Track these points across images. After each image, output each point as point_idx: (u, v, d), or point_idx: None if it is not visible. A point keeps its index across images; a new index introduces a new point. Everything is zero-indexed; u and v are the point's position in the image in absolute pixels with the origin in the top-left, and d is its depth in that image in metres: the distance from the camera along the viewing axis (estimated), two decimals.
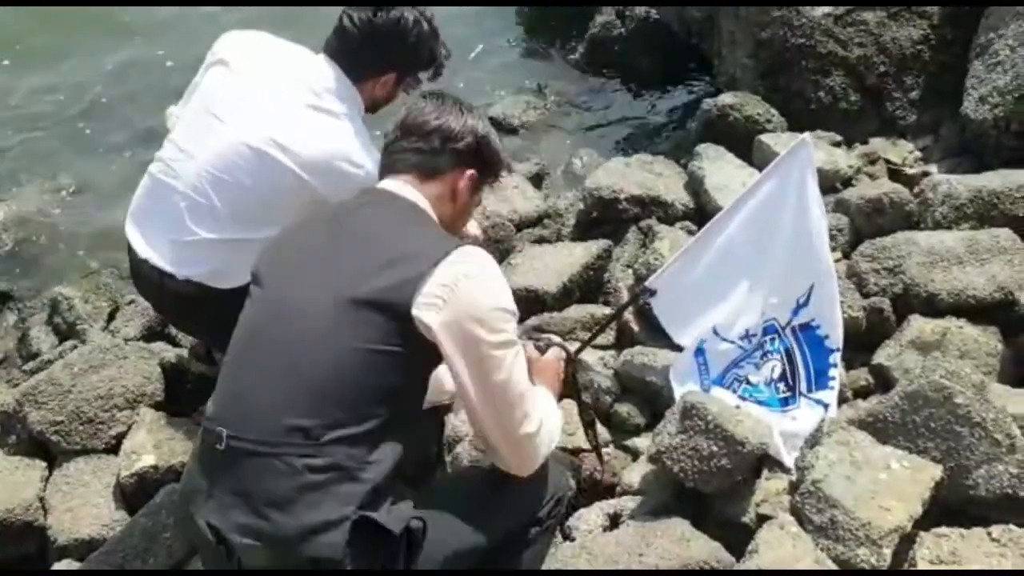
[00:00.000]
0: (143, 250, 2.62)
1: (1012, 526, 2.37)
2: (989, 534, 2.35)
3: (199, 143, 2.44)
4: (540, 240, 3.99)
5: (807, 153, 2.95)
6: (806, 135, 3.03)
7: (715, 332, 3.02)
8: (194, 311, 2.68)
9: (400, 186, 2.03)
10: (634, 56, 5.76)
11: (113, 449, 3.08)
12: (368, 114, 2.73)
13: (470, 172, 2.08)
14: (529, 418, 1.93)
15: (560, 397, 2.06)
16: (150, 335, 3.76)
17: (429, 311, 1.77)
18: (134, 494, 2.92)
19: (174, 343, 3.71)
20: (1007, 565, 2.25)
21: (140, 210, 2.66)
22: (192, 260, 2.55)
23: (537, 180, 4.56)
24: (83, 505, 2.90)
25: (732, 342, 3.03)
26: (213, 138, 2.43)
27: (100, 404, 3.09)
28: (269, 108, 2.44)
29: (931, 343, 3.07)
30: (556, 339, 2.09)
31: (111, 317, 4.00)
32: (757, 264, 2.96)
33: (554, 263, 3.68)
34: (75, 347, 3.63)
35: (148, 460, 2.92)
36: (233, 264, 2.43)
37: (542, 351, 2.02)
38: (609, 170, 4.10)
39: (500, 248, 3.72)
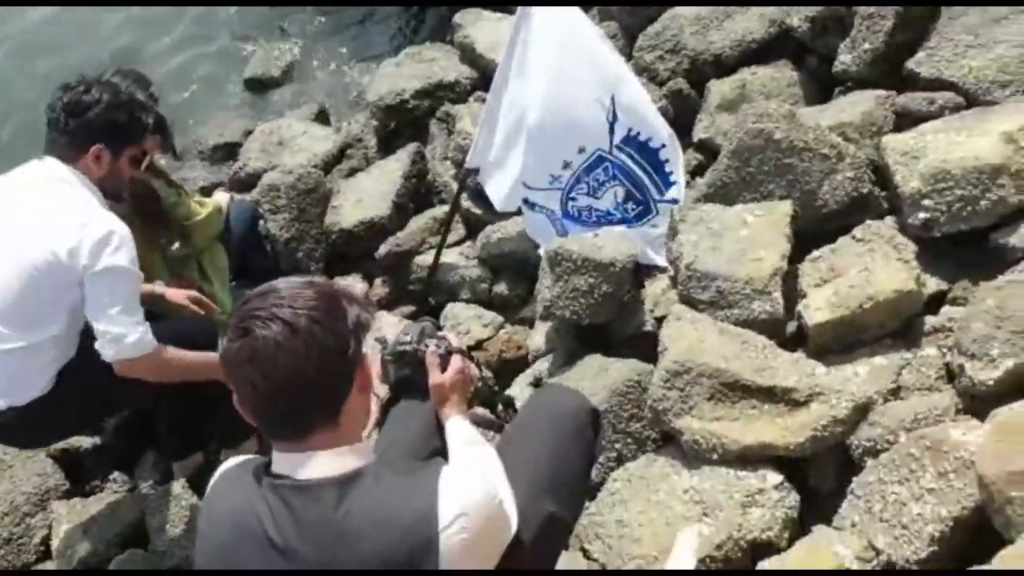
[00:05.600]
0: None
1: (868, 221, 2.53)
2: (853, 237, 2.51)
3: None
4: (352, 172, 3.91)
5: None
6: None
7: (525, 186, 3.05)
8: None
9: None
10: None
11: (45, 554, 2.94)
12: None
13: None
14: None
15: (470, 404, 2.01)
16: None
17: None
18: None
19: None
20: (879, 256, 2.41)
21: None
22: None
23: (322, 117, 4.44)
24: None
25: (547, 189, 3.05)
26: None
27: (10, 520, 2.92)
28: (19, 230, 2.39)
29: (736, 100, 3.18)
30: (454, 341, 1.97)
31: None
32: (550, 102, 2.96)
33: (375, 187, 3.64)
34: None
35: (84, 548, 2.80)
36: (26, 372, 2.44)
37: (444, 360, 1.96)
38: (384, 76, 4.03)
39: (316, 196, 3.62)
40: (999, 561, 1.52)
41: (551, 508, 1.70)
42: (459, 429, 1.82)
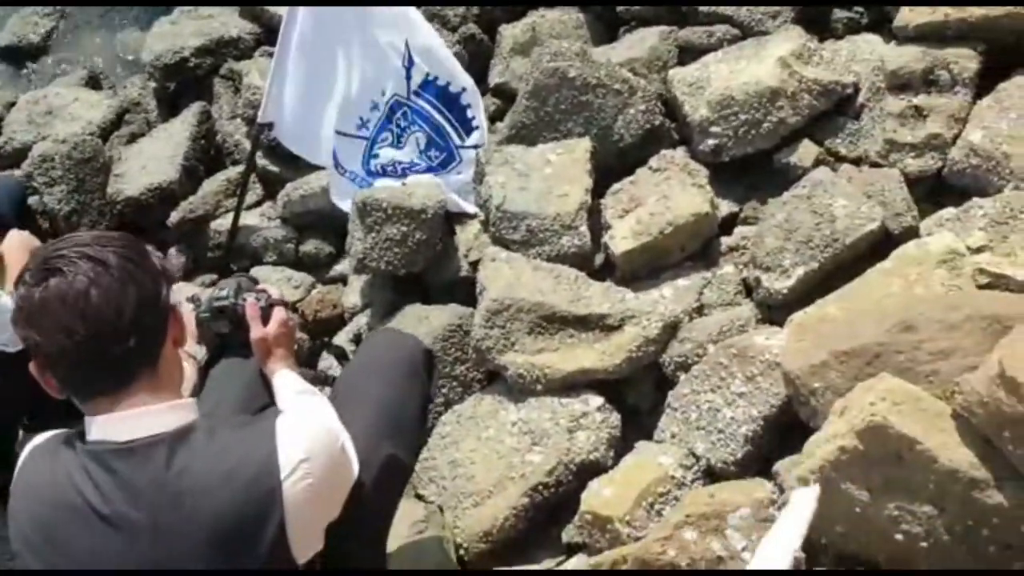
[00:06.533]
0: None
1: (664, 151, 2.64)
2: (650, 167, 2.61)
3: None
4: (133, 137, 3.66)
5: None
6: None
7: (338, 133, 2.98)
8: None
9: None
10: None
11: None
12: None
13: None
14: None
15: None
16: None
17: None
18: None
19: None
20: (675, 184, 2.52)
21: None
22: None
23: (94, 83, 4.12)
24: None
25: (353, 136, 3.00)
26: None
27: None
28: None
29: (527, 43, 3.22)
30: (274, 293, 1.90)
31: None
32: (342, 50, 2.91)
33: (161, 151, 3.44)
34: None
35: None
36: None
37: (265, 313, 1.86)
38: (159, 36, 3.79)
39: (95, 165, 3.37)
40: (808, 446, 1.64)
41: (391, 450, 1.67)
42: (287, 381, 1.76)
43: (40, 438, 1.42)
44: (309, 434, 1.37)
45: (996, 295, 1.77)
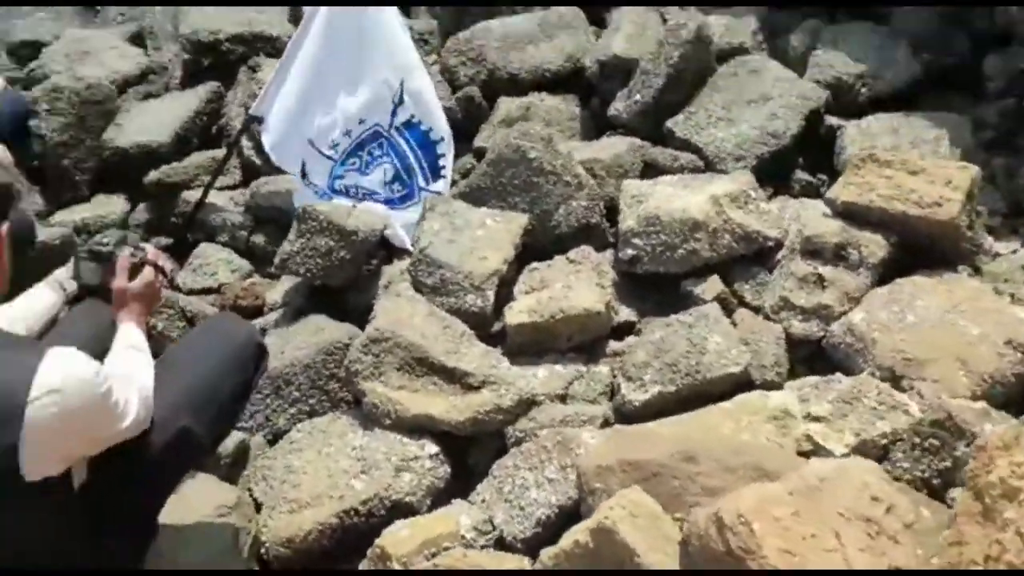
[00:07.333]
0: None
1: (584, 247, 2.77)
2: (567, 258, 2.74)
3: None
4: (147, 96, 3.89)
5: None
6: None
7: (311, 144, 3.16)
8: None
9: None
10: None
11: None
12: None
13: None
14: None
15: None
16: None
17: None
18: None
19: None
20: (582, 278, 2.65)
21: None
22: None
23: (138, 39, 4.37)
24: None
25: (324, 154, 3.18)
26: None
27: None
28: None
29: (518, 118, 3.40)
30: (151, 252, 2.01)
31: None
32: (341, 66, 3.10)
33: (164, 115, 3.65)
34: None
35: None
36: None
37: (136, 268, 1.97)
38: (207, 14, 4.03)
39: (101, 109, 3.60)
40: (566, 537, 1.73)
41: (186, 422, 1.78)
42: (127, 333, 1.88)
43: None
44: (72, 372, 1.46)
45: (777, 453, 1.86)
